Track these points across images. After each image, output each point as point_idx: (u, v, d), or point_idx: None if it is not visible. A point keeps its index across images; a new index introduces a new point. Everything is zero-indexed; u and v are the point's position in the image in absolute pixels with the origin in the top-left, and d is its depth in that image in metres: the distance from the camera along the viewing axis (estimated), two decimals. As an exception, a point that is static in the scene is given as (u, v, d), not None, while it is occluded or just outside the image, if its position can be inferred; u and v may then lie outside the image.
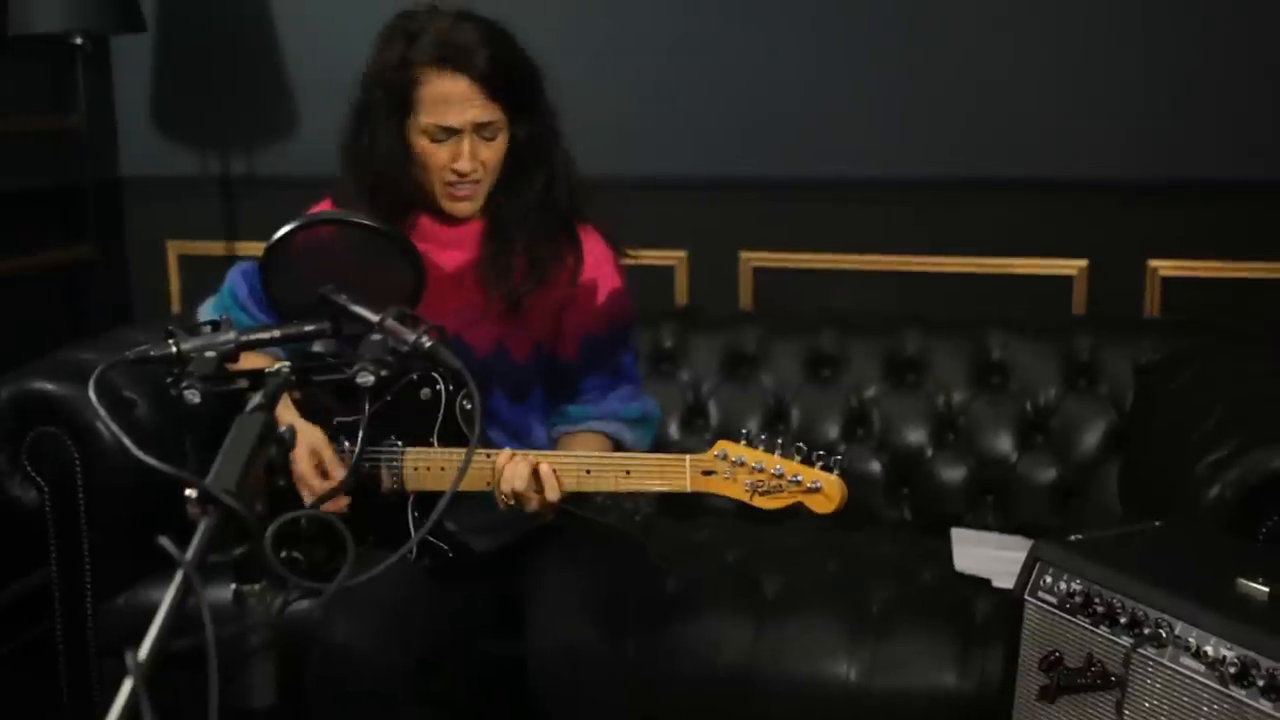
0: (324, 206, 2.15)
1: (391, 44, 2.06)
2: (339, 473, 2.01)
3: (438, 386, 2.04)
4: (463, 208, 2.12)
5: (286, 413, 2.04)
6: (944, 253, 3.16)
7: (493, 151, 2.08)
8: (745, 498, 1.87)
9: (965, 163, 3.12)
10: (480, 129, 2.05)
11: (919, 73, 3.11)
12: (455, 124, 2.03)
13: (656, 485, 1.92)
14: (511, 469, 1.93)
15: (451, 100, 2.03)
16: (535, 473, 1.93)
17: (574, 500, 2.02)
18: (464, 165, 2.05)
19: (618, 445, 2.17)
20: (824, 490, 1.84)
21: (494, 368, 2.13)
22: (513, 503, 1.95)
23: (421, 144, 2.06)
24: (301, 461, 2.01)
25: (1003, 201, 3.13)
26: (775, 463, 1.86)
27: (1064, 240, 3.11)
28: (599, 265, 2.19)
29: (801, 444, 1.88)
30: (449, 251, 2.14)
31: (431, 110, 2.03)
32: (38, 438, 2.42)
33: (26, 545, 2.56)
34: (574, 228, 2.18)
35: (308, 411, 2.06)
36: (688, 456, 1.90)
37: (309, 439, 2.02)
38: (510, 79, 2.06)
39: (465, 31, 2.04)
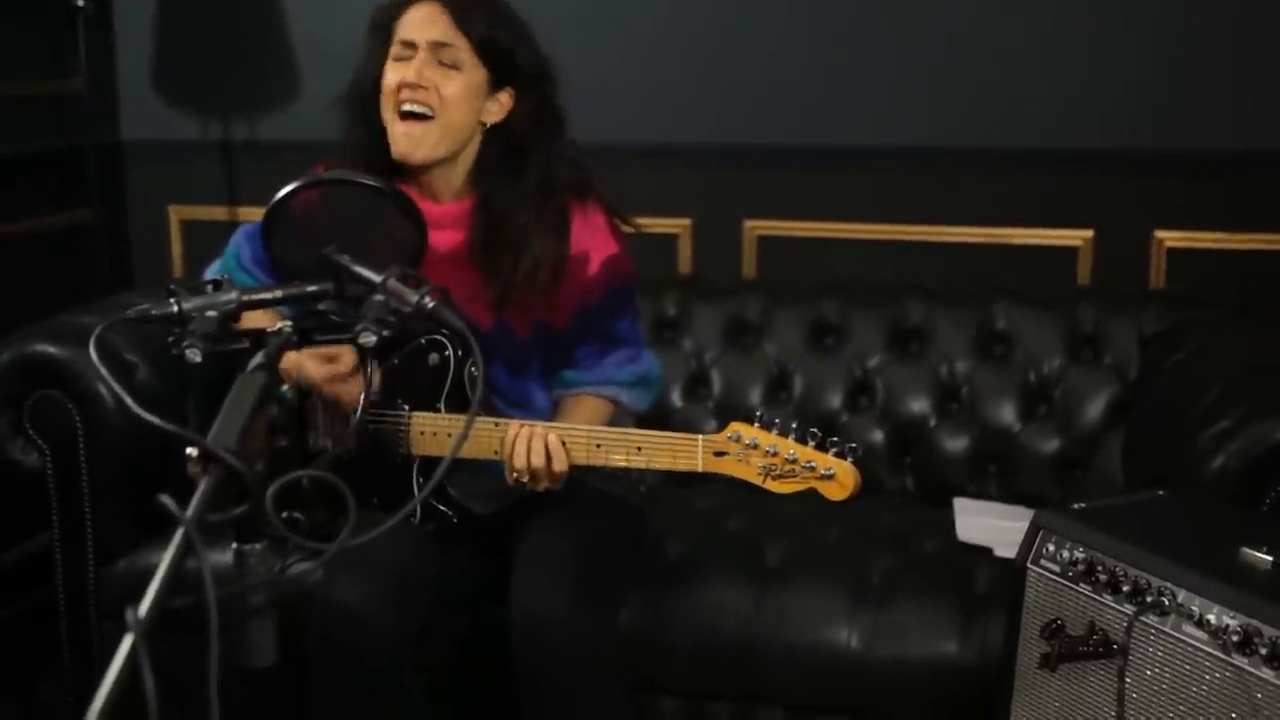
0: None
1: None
2: (349, 356, 2.00)
3: (446, 352, 2.03)
4: (409, 146, 2.06)
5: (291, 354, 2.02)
6: (949, 222, 3.15)
7: (450, 84, 2.06)
8: (758, 481, 1.86)
9: (972, 132, 3.10)
10: (437, 48, 2.05)
11: (927, 40, 3.08)
12: (412, 36, 2.05)
13: (668, 464, 1.91)
14: (522, 444, 1.92)
15: (416, 21, 2.06)
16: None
17: (580, 469, 2.02)
18: (408, 74, 2.04)
19: (616, 406, 2.17)
20: (837, 478, 1.83)
21: (495, 342, 2.12)
22: (526, 480, 1.94)
23: (386, 71, 2.08)
24: (317, 369, 1.99)
25: (1009, 171, 3.12)
26: (789, 447, 1.85)
27: (1070, 211, 3.09)
28: (592, 235, 2.16)
29: (815, 430, 1.87)
30: (442, 233, 2.08)
31: (398, 32, 2.08)
32: (39, 401, 2.41)
33: (28, 509, 2.56)
34: (565, 215, 2.15)
35: None
36: (700, 437, 1.90)
37: (305, 358, 2.00)
38: (481, 17, 2.07)
39: None
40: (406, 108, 2.06)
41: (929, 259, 3.15)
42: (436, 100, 2.06)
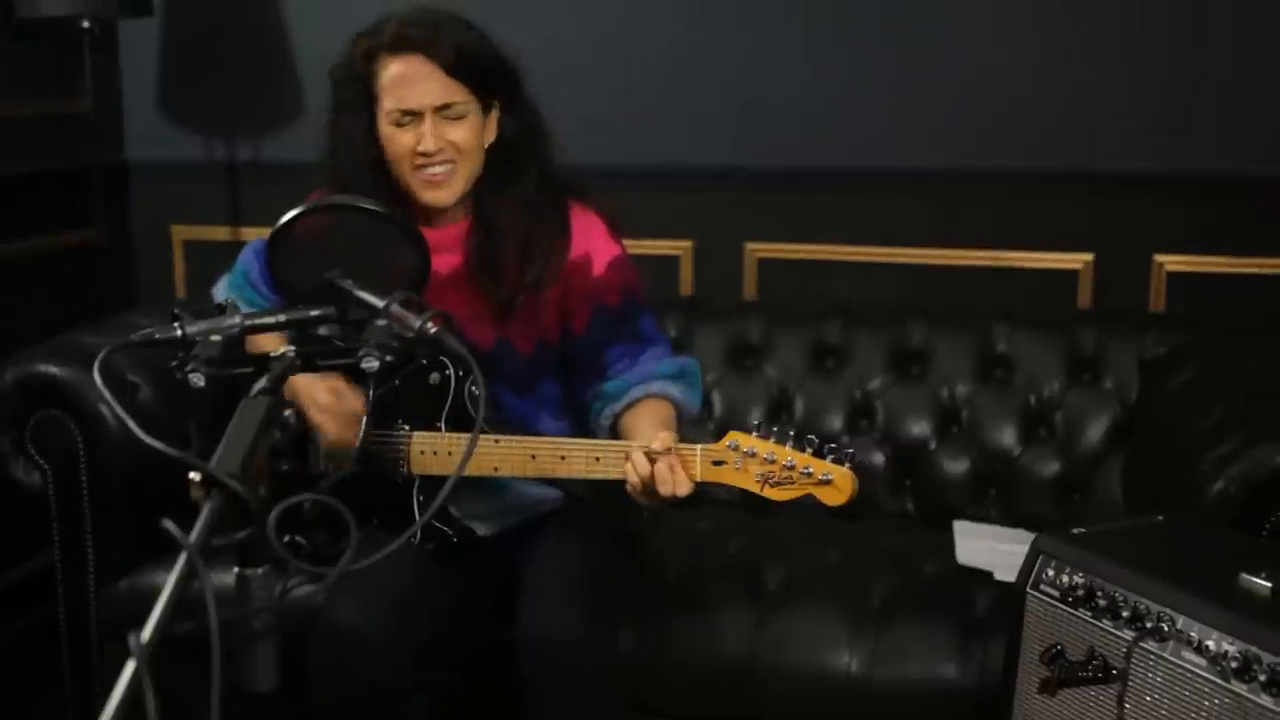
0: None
1: (357, 44, 2.09)
2: (353, 398, 2.02)
3: (446, 372, 2.04)
4: (437, 195, 2.08)
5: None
6: (950, 245, 3.15)
7: (462, 132, 2.06)
8: (756, 489, 1.87)
9: (972, 155, 3.11)
10: (442, 109, 2.04)
11: (928, 63, 3.10)
12: (414, 106, 2.03)
13: None
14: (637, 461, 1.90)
15: (409, 80, 2.03)
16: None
17: (583, 486, 2.02)
18: (427, 144, 2.04)
19: (673, 405, 2.13)
20: (835, 483, 1.84)
21: (497, 361, 2.12)
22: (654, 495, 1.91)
23: (387, 132, 2.06)
24: (321, 396, 2.01)
25: (1009, 194, 3.13)
26: (786, 455, 1.85)
27: (1070, 234, 3.10)
28: (590, 239, 2.17)
29: (813, 436, 1.88)
30: (440, 256, 2.06)
31: (391, 94, 2.04)
32: (41, 421, 2.41)
33: (29, 528, 2.56)
34: (565, 214, 2.17)
35: None
36: (699, 446, 1.90)
37: (319, 382, 2.03)
38: (471, 58, 2.06)
39: (422, 16, 2.06)
40: (430, 172, 2.06)
41: (929, 281, 3.16)
42: (454, 152, 2.07)
